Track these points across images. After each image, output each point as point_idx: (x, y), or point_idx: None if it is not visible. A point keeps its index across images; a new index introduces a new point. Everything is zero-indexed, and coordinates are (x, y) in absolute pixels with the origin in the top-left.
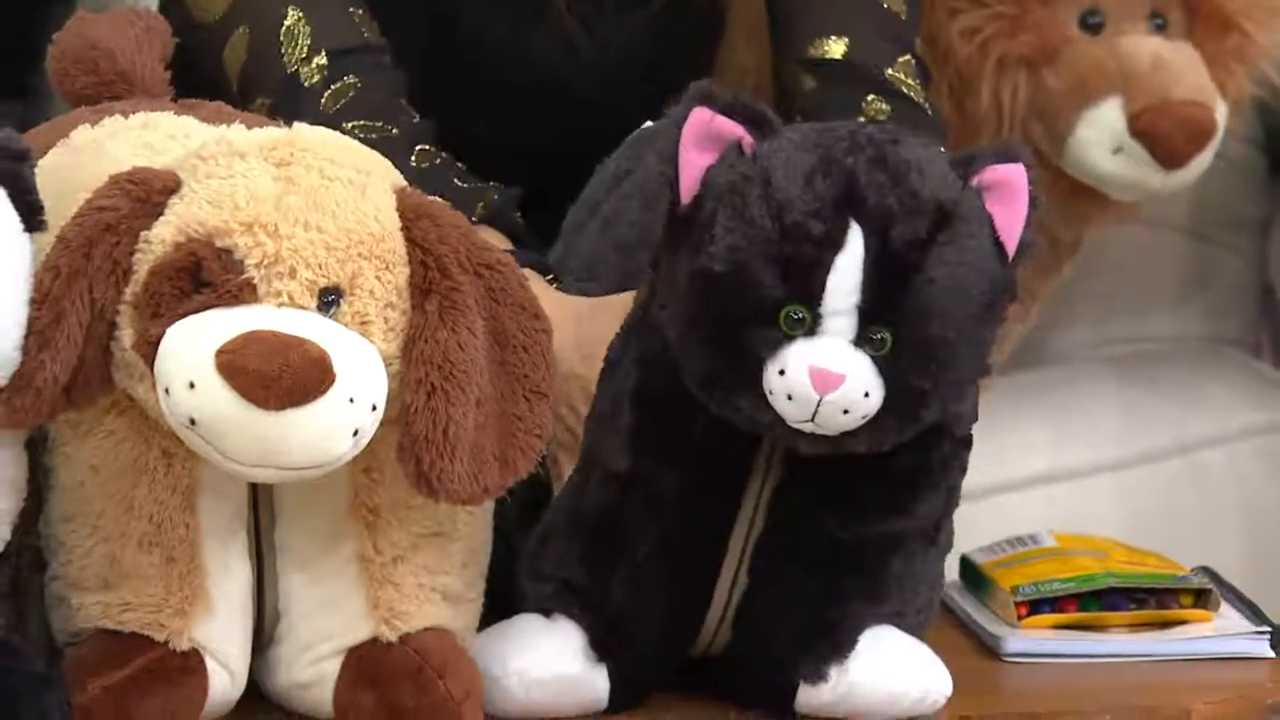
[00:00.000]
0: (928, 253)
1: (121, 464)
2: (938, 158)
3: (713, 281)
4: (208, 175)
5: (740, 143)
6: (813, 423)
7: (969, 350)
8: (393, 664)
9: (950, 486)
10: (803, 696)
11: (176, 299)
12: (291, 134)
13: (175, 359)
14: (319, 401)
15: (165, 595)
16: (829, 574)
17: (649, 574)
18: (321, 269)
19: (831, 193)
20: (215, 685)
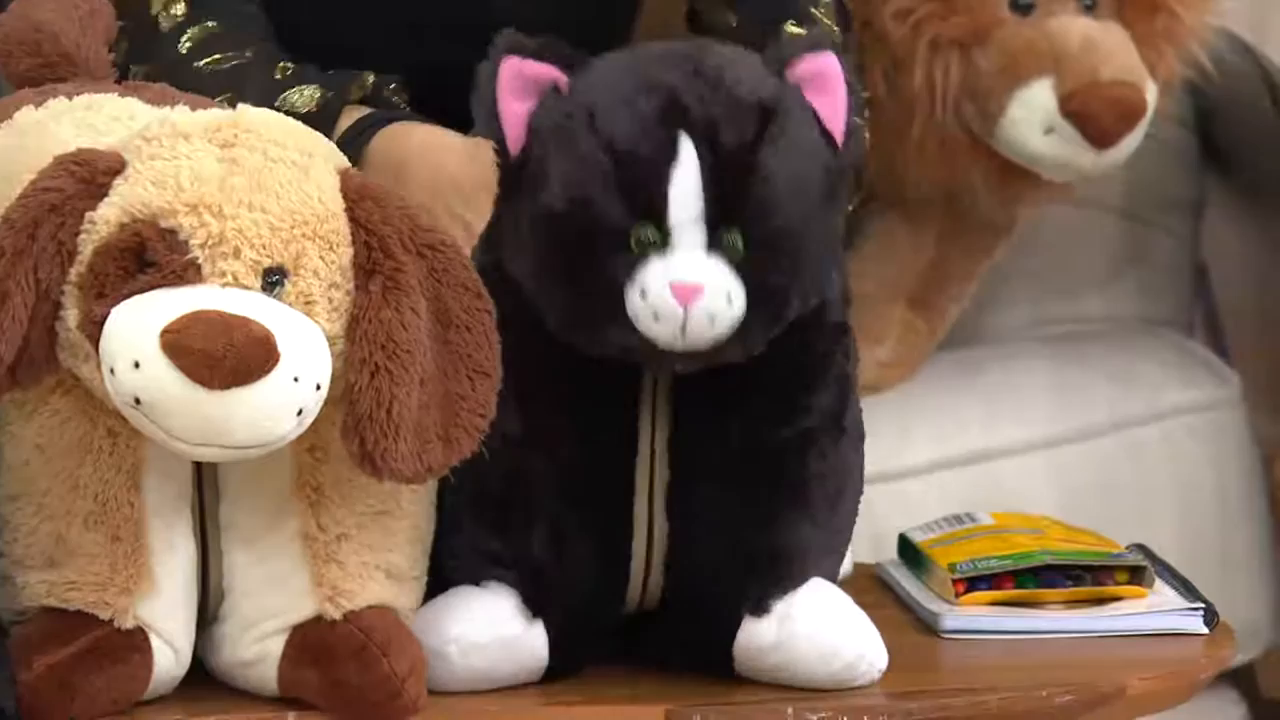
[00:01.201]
0: (759, 151)
1: (67, 443)
2: (751, 59)
3: (557, 221)
4: (152, 156)
5: (556, 84)
6: (683, 338)
7: (818, 239)
8: (336, 641)
9: (840, 374)
10: (743, 633)
11: (121, 279)
12: (235, 115)
13: (120, 338)
14: (263, 381)
15: (110, 574)
16: (748, 492)
17: (562, 528)
18: (265, 249)
19: (655, 111)
20: (160, 663)
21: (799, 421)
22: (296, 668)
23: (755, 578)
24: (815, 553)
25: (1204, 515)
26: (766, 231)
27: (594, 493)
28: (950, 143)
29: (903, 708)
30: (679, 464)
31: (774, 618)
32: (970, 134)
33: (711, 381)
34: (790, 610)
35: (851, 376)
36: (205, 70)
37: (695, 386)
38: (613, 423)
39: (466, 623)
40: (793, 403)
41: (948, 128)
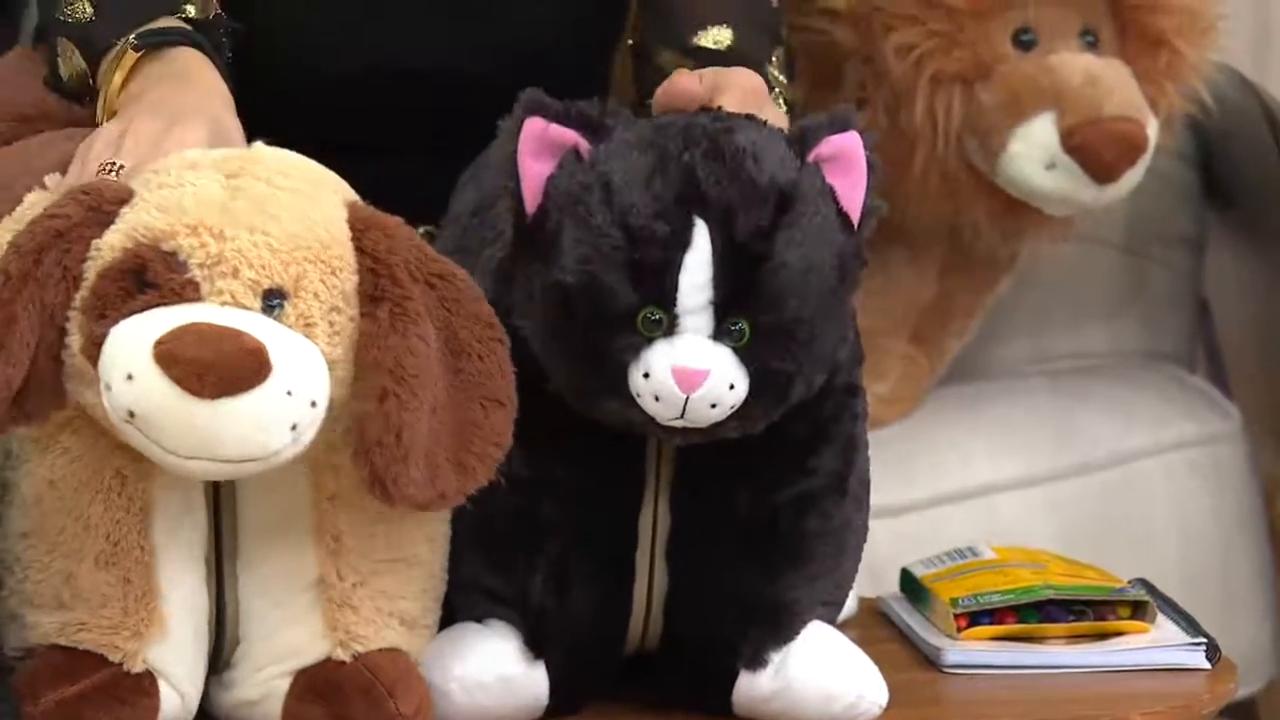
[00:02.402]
0: (774, 239)
1: (77, 482)
2: (773, 139)
3: (567, 294)
4: (160, 185)
5: (577, 149)
6: (682, 419)
7: (827, 324)
8: (344, 680)
9: (848, 436)
10: (741, 686)
11: (121, 300)
12: (247, 150)
13: (115, 354)
14: (255, 391)
15: (122, 617)
16: (750, 550)
17: (564, 571)
18: (265, 270)
19: (672, 192)
20: (166, 708)
21: (802, 483)
22: (302, 704)
23: (752, 631)
24: (813, 607)
25: (1206, 549)
26: (775, 320)
27: (597, 540)
28: (952, 178)
29: None
30: (681, 516)
31: (770, 669)
32: (972, 169)
33: (717, 441)
34: (786, 659)
35: (859, 435)
36: None
37: (700, 445)
38: (618, 473)
39: (469, 661)
40: (797, 465)
41: (949, 163)
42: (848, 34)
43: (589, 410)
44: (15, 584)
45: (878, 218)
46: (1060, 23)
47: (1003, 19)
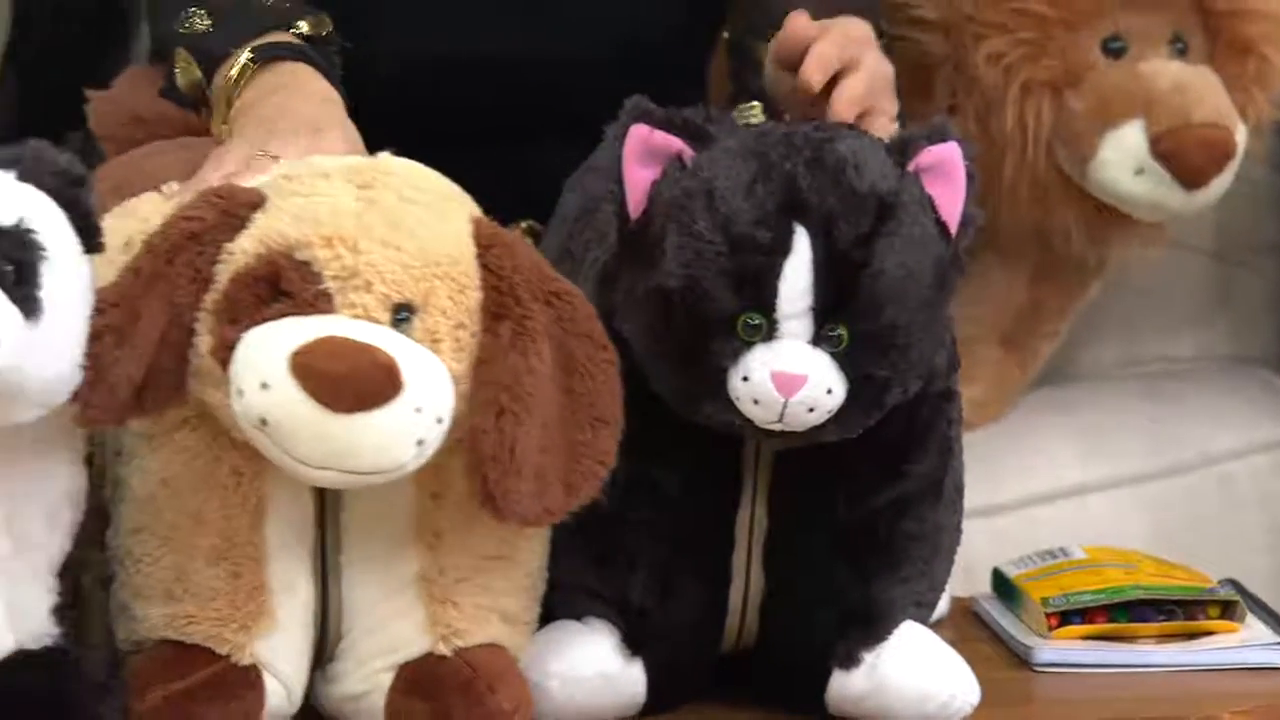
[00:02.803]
0: (873, 246)
1: (193, 478)
2: (874, 148)
3: (669, 298)
4: (292, 193)
5: (681, 156)
6: (781, 423)
7: (924, 331)
8: (446, 675)
9: (943, 440)
10: (834, 685)
11: (254, 306)
12: (376, 161)
13: (250, 361)
14: (386, 407)
15: (230, 610)
16: (846, 552)
17: (663, 572)
18: (396, 285)
19: (773, 200)
20: (272, 701)
21: (897, 486)
22: (405, 699)
23: (846, 632)
24: (907, 608)
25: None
26: (873, 327)
27: (695, 541)
28: (1042, 184)
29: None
30: (778, 519)
31: (863, 669)
32: (1062, 175)
33: (814, 445)
34: (879, 660)
35: (955, 440)
36: None
37: (798, 449)
38: (717, 476)
39: (568, 658)
40: (892, 469)
41: (1039, 169)
42: (939, 42)
43: (689, 413)
44: (126, 577)
45: (975, 226)
46: (1149, 30)
47: (1092, 27)
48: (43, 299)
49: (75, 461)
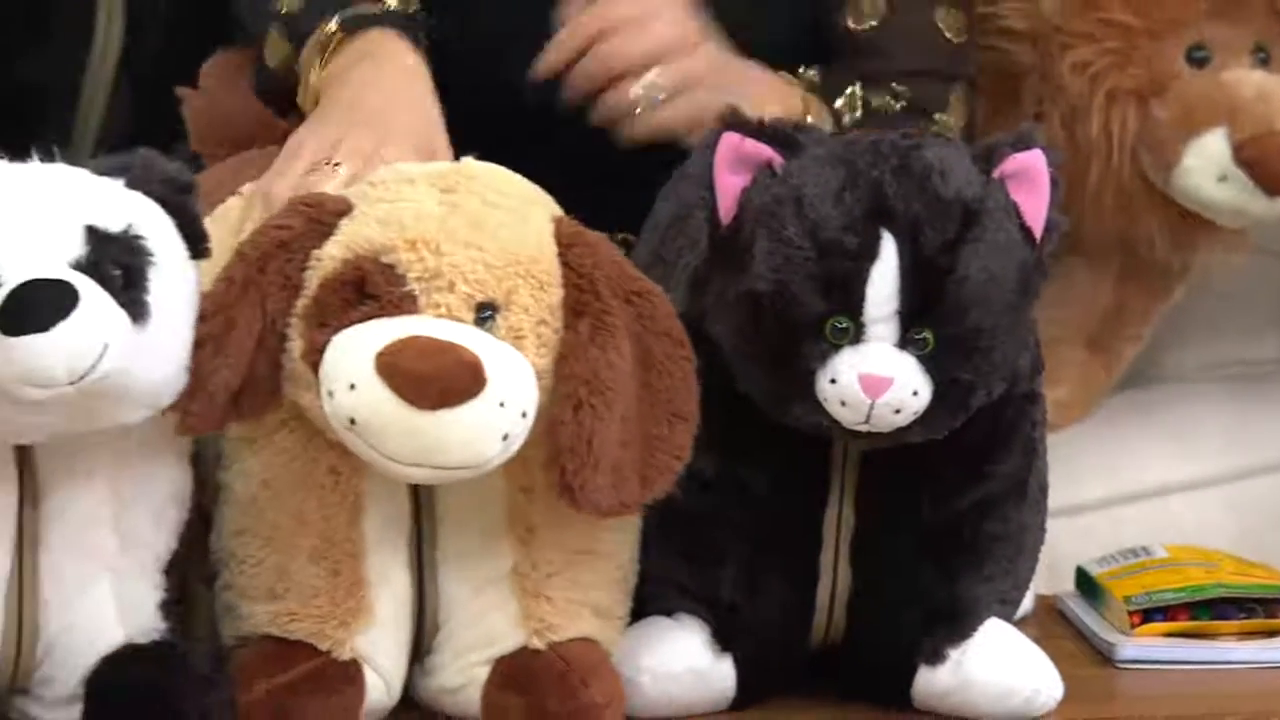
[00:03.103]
0: (958, 252)
1: (292, 479)
2: (959, 156)
3: (759, 302)
4: (378, 199)
5: (771, 163)
6: (867, 424)
7: (1008, 335)
8: (540, 669)
9: (1027, 441)
10: (920, 681)
11: (342, 310)
12: (460, 165)
13: (338, 363)
14: (471, 403)
15: (331, 607)
16: (931, 551)
17: (752, 569)
18: (479, 284)
19: (861, 206)
20: (371, 695)
21: (982, 487)
22: (501, 693)
23: (932, 630)
24: (991, 605)
25: None
26: (958, 330)
27: (784, 539)
28: (1126, 190)
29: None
30: (865, 519)
31: (949, 665)
32: (1146, 182)
33: (901, 446)
34: (964, 656)
35: (1039, 440)
36: None
37: (884, 450)
38: (805, 475)
39: (659, 653)
40: (977, 469)
41: (1124, 176)
42: (1026, 52)
43: (777, 414)
44: (230, 578)
45: (1059, 232)
46: (1233, 40)
47: (1177, 37)
48: (150, 303)
49: (181, 462)
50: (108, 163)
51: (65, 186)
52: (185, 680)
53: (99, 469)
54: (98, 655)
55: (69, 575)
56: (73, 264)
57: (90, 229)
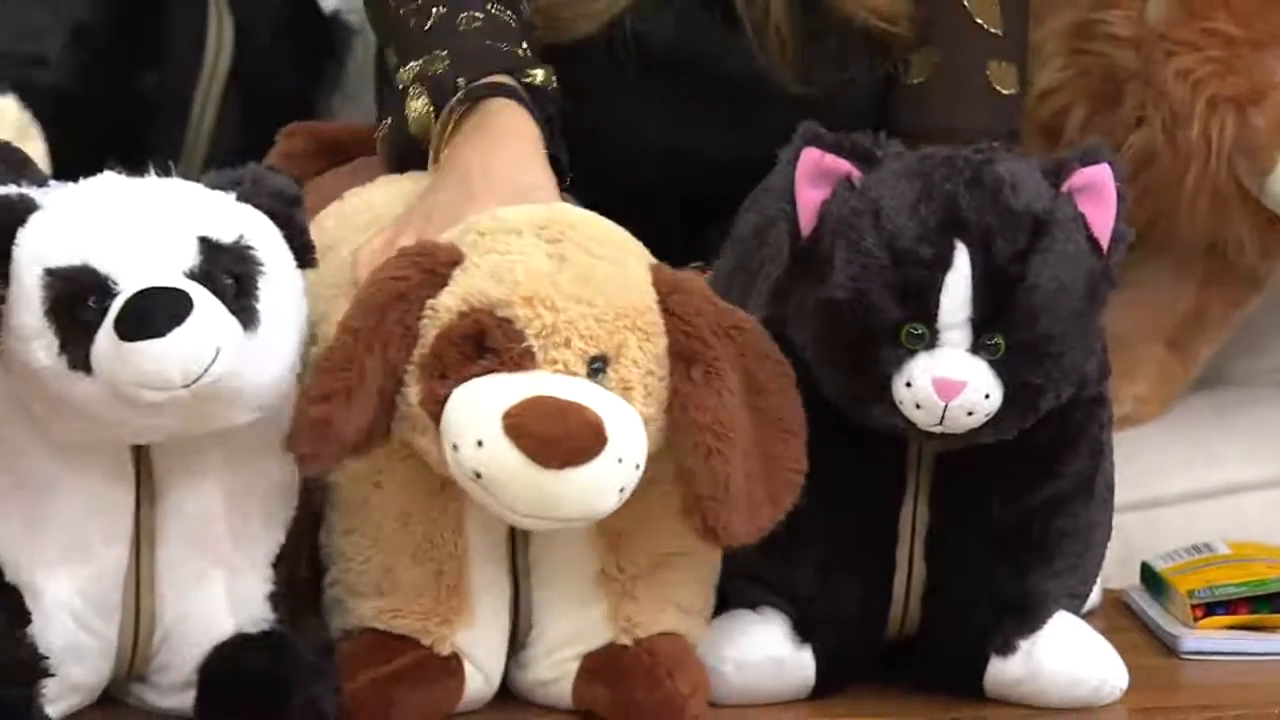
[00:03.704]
0: (1029, 262)
1: (402, 483)
2: (1030, 170)
3: (838, 309)
4: (487, 250)
5: (849, 177)
6: (941, 425)
7: (1076, 341)
8: (627, 662)
9: (1094, 442)
10: (992, 670)
11: (461, 363)
12: (558, 213)
13: (464, 418)
14: (593, 462)
15: (433, 605)
16: (1003, 547)
17: (830, 563)
18: (592, 340)
19: (936, 218)
20: (470, 687)
21: (1052, 485)
22: (590, 685)
23: (1003, 621)
24: (1060, 599)
25: None
26: (1028, 337)
27: (861, 535)
28: (1221, 195)
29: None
30: (939, 515)
31: (1020, 655)
32: (1240, 187)
33: (973, 446)
34: (1034, 647)
35: (1105, 442)
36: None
37: (958, 450)
38: (881, 474)
39: (742, 644)
40: (1047, 469)
41: (1220, 180)
42: (1130, 58)
43: (856, 416)
44: (339, 574)
45: (1126, 243)
46: None
47: (1278, 48)
48: (260, 310)
49: (289, 461)
50: (219, 177)
51: (180, 199)
52: (293, 668)
53: (211, 469)
54: (210, 644)
55: (183, 569)
56: (187, 273)
57: (204, 240)
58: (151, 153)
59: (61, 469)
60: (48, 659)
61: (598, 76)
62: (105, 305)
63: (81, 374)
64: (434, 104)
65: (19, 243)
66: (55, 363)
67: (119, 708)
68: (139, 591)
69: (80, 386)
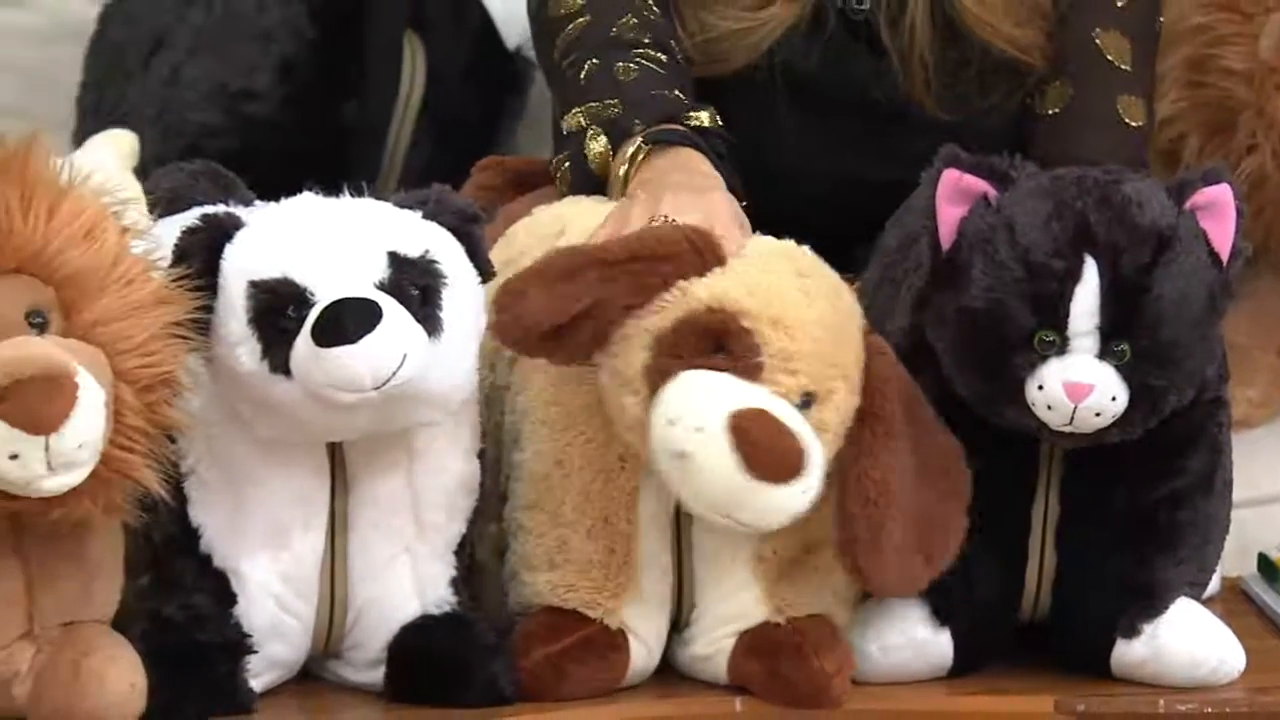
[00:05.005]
0: (1153, 274)
1: (584, 462)
2: (1155, 189)
3: (975, 317)
4: (748, 264)
5: (986, 195)
6: (1071, 425)
7: (1197, 348)
8: (779, 641)
9: (1214, 441)
10: (1118, 652)
11: (697, 350)
12: (795, 254)
13: (689, 401)
14: (788, 485)
15: (604, 580)
16: (1128, 538)
17: (968, 553)
18: (813, 377)
19: (1067, 233)
20: (635, 660)
21: (1173, 481)
22: (744, 661)
23: (1128, 606)
24: (1181, 586)
25: None
26: (1153, 344)
27: (996, 525)
28: None
29: (1259, 700)
30: (1069, 508)
31: (1144, 638)
32: None
33: (1101, 444)
34: (1157, 631)
35: (1224, 441)
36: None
37: (1086, 448)
38: (1015, 470)
39: (884, 627)
40: (1169, 465)
41: None
42: (1243, 90)
43: (991, 416)
44: (517, 547)
45: (1244, 258)
46: None
47: None
48: (443, 319)
49: (470, 456)
50: (407, 197)
51: (371, 217)
52: (473, 647)
53: (399, 464)
54: (398, 625)
55: (373, 555)
56: (377, 284)
57: (392, 254)
58: (351, 177)
59: (264, 464)
60: (252, 637)
61: (748, 107)
62: (303, 314)
63: (282, 377)
64: (612, 145)
65: (226, 257)
66: (258, 367)
67: (316, 682)
68: (334, 576)
69: (280, 389)
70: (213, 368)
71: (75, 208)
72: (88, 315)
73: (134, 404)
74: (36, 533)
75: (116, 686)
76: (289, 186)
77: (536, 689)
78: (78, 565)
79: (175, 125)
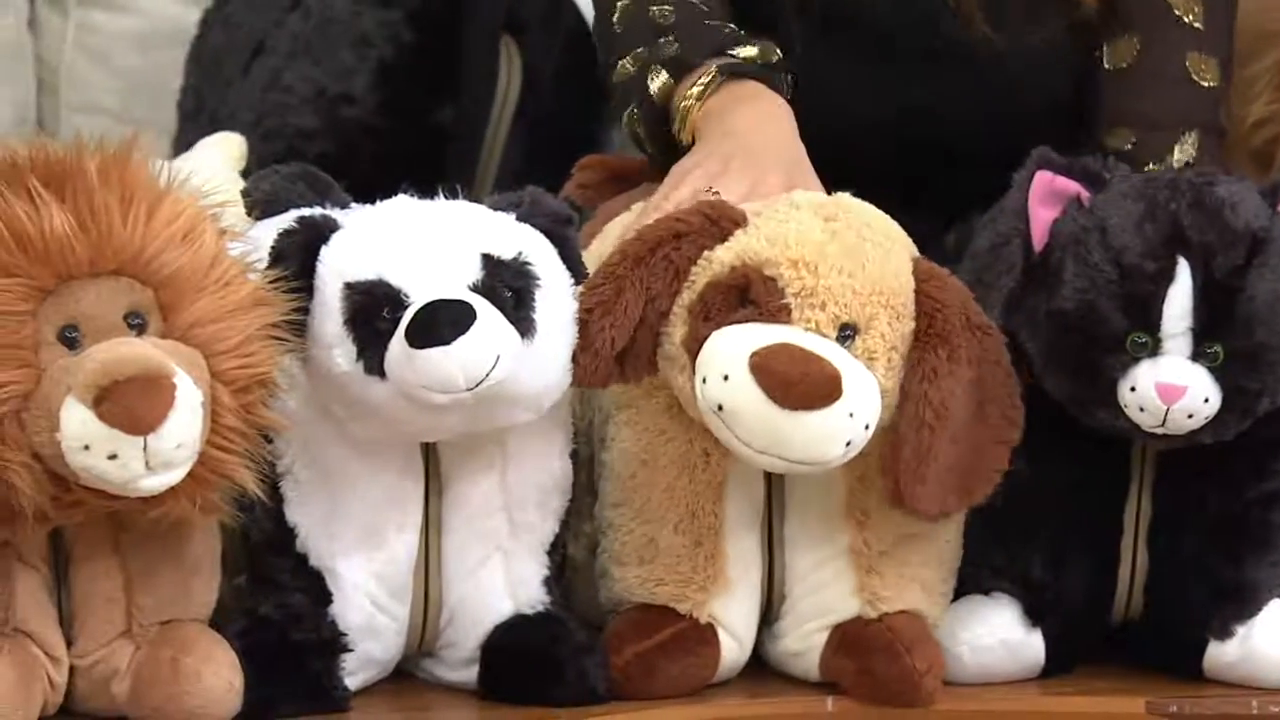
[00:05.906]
0: (1246, 276)
1: (668, 458)
2: (1249, 191)
3: (1067, 319)
4: (769, 217)
5: (1079, 197)
6: (1163, 427)
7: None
8: (870, 637)
9: None
10: (1210, 653)
11: (725, 310)
12: (839, 198)
13: (716, 355)
14: (826, 410)
15: (692, 573)
16: (1219, 538)
17: (1060, 553)
18: (846, 307)
19: (1159, 235)
20: (726, 654)
21: (1267, 482)
22: (835, 658)
23: (1220, 608)
24: (1274, 588)
25: None
26: (1246, 346)
27: (1089, 527)
28: None
29: None
30: (1160, 510)
31: (1236, 640)
32: None
33: (1193, 445)
34: (1251, 631)
35: None
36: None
37: (1178, 449)
38: (1108, 472)
39: (976, 628)
40: (1262, 467)
41: None
42: None
43: (1083, 417)
44: (607, 544)
45: None
46: None
47: None
48: (536, 321)
49: (563, 456)
50: (500, 199)
51: (465, 220)
52: (566, 646)
53: (493, 464)
54: (491, 624)
55: (467, 555)
56: (471, 286)
57: (486, 256)
58: (447, 180)
59: (359, 465)
60: (347, 636)
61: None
62: (398, 316)
63: (376, 378)
64: (673, 78)
65: (322, 259)
66: (353, 368)
67: (410, 681)
68: (428, 575)
69: (375, 389)
70: (308, 369)
71: (174, 210)
72: (185, 316)
73: (230, 404)
74: (135, 532)
75: (214, 684)
76: (385, 189)
77: (628, 686)
78: (176, 564)
79: (274, 129)
